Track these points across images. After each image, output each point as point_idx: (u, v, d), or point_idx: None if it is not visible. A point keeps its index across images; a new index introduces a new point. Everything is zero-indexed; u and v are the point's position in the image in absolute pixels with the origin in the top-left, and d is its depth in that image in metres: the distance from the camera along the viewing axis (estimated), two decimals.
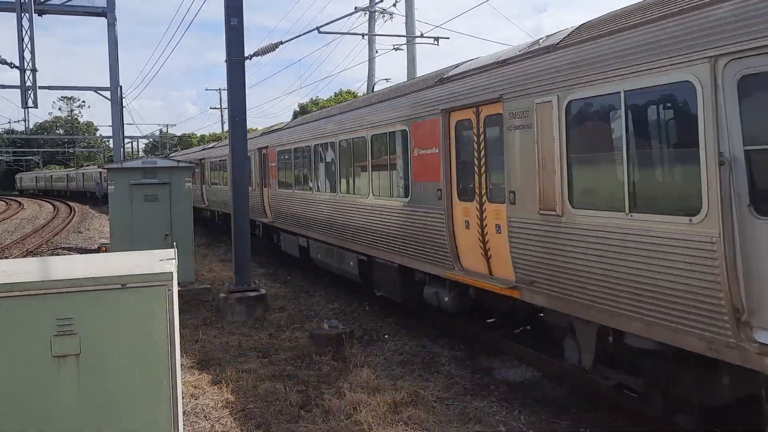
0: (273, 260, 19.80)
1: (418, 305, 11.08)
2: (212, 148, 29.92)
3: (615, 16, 6.60)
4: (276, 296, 13.95)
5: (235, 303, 12.17)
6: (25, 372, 4.23)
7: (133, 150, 65.06)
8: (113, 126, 24.62)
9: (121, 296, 4.37)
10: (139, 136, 67.63)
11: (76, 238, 28.09)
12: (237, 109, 12.87)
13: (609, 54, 6.11)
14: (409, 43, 22.43)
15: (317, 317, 12.10)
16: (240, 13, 12.55)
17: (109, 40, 23.16)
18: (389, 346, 10.08)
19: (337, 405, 7.38)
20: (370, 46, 25.61)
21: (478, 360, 9.38)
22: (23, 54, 21.52)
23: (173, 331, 4.49)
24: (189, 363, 9.25)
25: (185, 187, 13.78)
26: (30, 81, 21.73)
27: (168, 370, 4.45)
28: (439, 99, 9.28)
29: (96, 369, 4.34)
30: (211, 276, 16.41)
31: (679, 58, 5.34)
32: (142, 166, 13.92)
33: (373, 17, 25.03)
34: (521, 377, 8.64)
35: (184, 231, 13.41)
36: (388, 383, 8.09)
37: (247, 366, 9.02)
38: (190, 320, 11.87)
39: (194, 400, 7.78)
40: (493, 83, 8.01)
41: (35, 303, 4.24)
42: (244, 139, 13.26)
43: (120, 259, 5.36)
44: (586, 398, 7.67)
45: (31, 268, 5.03)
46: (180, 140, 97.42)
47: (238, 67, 12.71)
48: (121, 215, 13.41)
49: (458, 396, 7.84)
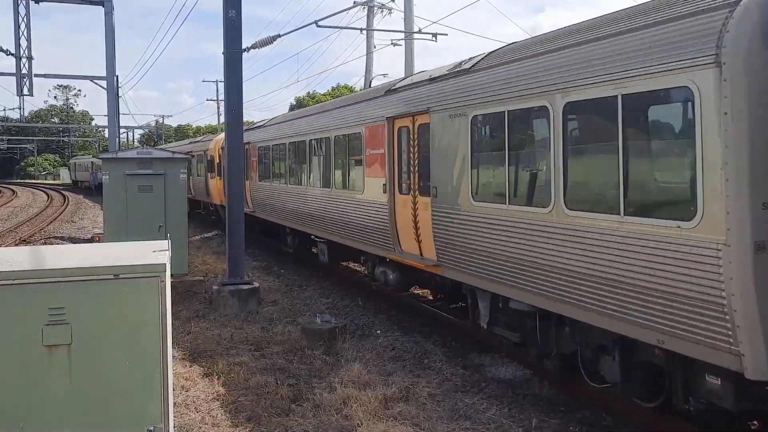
0: (267, 254, 19.80)
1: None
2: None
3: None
4: (269, 289, 13.94)
5: (228, 296, 12.16)
6: (16, 361, 4.23)
7: (128, 140, 64.84)
8: (109, 116, 24.52)
9: (113, 287, 4.37)
10: (135, 127, 67.40)
11: (70, 227, 28.00)
12: (234, 101, 12.84)
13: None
14: (407, 39, 22.40)
15: (310, 311, 12.11)
16: (238, 5, 12.50)
17: (106, 29, 23.05)
18: (381, 341, 10.10)
19: (327, 399, 7.39)
20: (368, 41, 25.58)
21: (469, 357, 9.41)
22: (19, 41, 21.40)
23: (165, 323, 4.49)
24: (181, 355, 9.25)
25: (180, 178, 13.74)
26: (26, 69, 21.62)
27: (159, 362, 4.46)
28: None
29: (87, 359, 4.34)
30: (205, 268, 16.40)
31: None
32: (137, 156, 13.87)
33: (371, 12, 25.01)
34: (512, 374, 8.68)
35: (178, 222, 13.38)
36: (380, 378, 8.11)
37: (239, 359, 9.03)
38: (182, 312, 11.86)
39: (185, 392, 7.79)
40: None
41: (27, 292, 4.24)
42: (241, 132, 13.24)
43: (113, 249, 5.36)
44: (576, 396, 7.71)
45: (24, 257, 5.02)
46: (176, 131, 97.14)
47: (235, 59, 12.67)
48: (115, 206, 13.36)
49: (449, 392, 7.87)
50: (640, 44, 5.73)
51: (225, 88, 13.05)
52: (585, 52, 6.43)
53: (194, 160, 28.56)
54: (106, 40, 23.08)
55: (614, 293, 5.97)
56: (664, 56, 5.40)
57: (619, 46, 5.97)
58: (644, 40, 5.72)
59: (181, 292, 13.16)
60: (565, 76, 6.60)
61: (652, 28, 5.70)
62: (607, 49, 6.13)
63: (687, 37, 5.25)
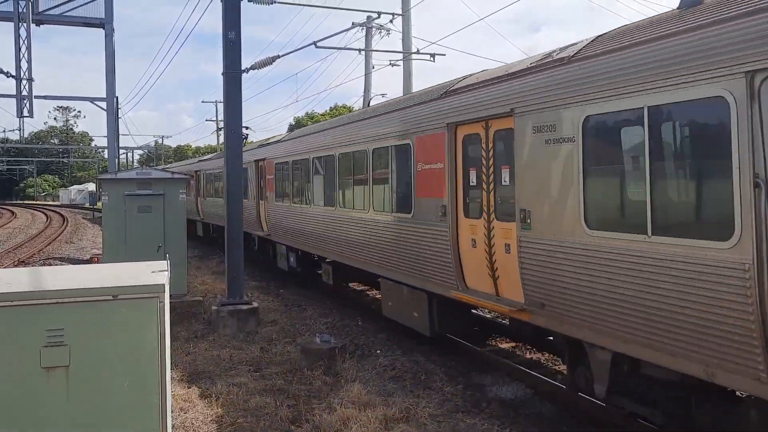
0: (266, 273, 19.73)
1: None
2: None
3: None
4: (268, 309, 13.88)
5: (227, 316, 12.10)
6: (13, 383, 4.19)
7: (128, 161, 64.98)
8: (108, 137, 24.56)
9: (112, 307, 4.34)
10: (134, 147, 67.58)
11: (69, 248, 27.94)
12: (233, 121, 12.89)
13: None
14: (406, 59, 22.55)
15: (309, 331, 12.05)
16: (238, 26, 12.60)
17: (107, 51, 23.19)
18: (381, 361, 10.04)
19: (327, 420, 7.32)
20: (367, 61, 25.73)
21: (470, 376, 9.34)
22: (20, 63, 21.52)
23: (164, 344, 4.46)
24: (179, 376, 9.18)
25: (179, 198, 13.75)
26: (26, 90, 21.71)
27: (158, 383, 4.42)
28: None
29: (85, 381, 4.30)
30: (204, 288, 16.33)
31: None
32: (136, 177, 13.89)
33: (370, 33, 25.18)
34: (513, 394, 8.61)
35: (177, 243, 13.35)
36: (380, 399, 8.04)
37: (238, 380, 8.96)
38: (181, 333, 11.79)
39: (183, 413, 7.71)
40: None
41: (25, 313, 4.21)
42: (240, 152, 13.27)
43: (112, 270, 5.33)
44: (577, 416, 7.64)
45: (22, 278, 4.99)
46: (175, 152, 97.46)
47: (234, 80, 12.74)
48: (114, 226, 13.35)
49: (450, 413, 7.80)
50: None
51: (224, 108, 13.10)
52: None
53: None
54: (106, 62, 23.21)
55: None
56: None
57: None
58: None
59: (180, 313, 13.09)
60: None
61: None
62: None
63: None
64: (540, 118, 7.01)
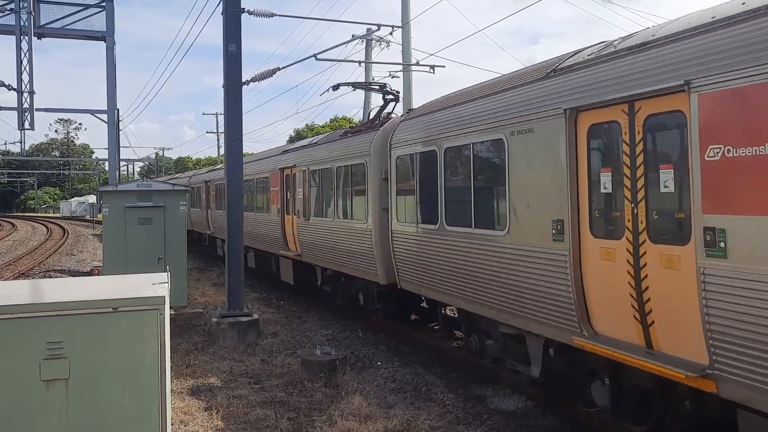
0: (266, 285, 19.71)
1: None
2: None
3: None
4: (268, 321, 13.85)
5: (228, 328, 12.08)
6: (13, 396, 4.17)
7: (128, 173, 65.11)
8: (109, 149, 24.69)
9: (112, 320, 4.34)
10: (135, 159, 67.75)
11: (69, 260, 27.92)
12: (234, 133, 12.93)
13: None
14: (405, 71, 22.63)
15: (310, 343, 12.01)
16: (238, 39, 12.67)
17: (108, 64, 23.33)
18: (382, 373, 10.00)
19: None
20: (367, 73, 25.83)
21: (470, 388, 9.31)
22: (21, 76, 21.64)
23: (164, 356, 4.45)
24: (179, 388, 9.15)
25: (180, 210, 13.76)
26: (27, 103, 21.82)
27: (158, 396, 4.40)
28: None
29: (85, 393, 4.28)
30: (204, 300, 16.31)
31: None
32: (136, 188, 13.90)
33: (370, 45, 25.30)
34: (514, 406, 8.57)
35: (177, 254, 13.35)
36: (380, 411, 8.01)
37: (238, 392, 8.93)
38: (181, 345, 11.76)
39: (184, 426, 7.68)
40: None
41: (25, 326, 4.21)
42: (240, 163, 13.29)
43: (112, 282, 5.33)
44: (577, 429, 7.60)
45: (22, 290, 4.99)
46: (176, 164, 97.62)
47: (235, 92, 12.79)
48: (114, 238, 13.35)
49: (451, 425, 7.76)
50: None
51: (225, 120, 13.15)
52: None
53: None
54: (108, 75, 23.34)
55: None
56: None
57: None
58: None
59: (181, 325, 13.06)
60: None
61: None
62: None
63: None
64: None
